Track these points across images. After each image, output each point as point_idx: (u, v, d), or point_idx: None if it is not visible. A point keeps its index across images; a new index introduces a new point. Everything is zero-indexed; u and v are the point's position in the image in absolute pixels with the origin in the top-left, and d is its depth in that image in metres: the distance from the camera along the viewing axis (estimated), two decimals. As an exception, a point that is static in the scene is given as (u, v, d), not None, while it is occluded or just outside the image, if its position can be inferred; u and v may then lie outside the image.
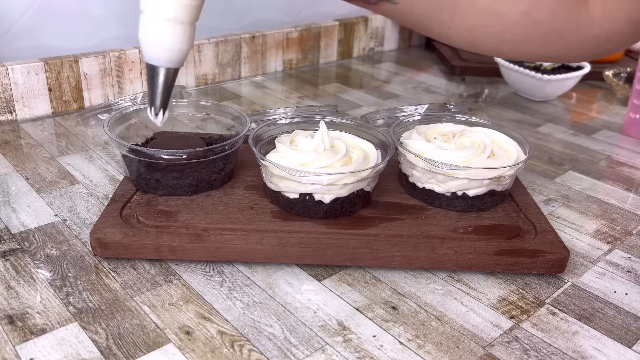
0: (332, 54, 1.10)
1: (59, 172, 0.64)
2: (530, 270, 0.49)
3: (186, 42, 0.50)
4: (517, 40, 0.46)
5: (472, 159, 0.54)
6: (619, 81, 0.97)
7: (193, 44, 0.50)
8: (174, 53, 0.50)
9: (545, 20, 0.45)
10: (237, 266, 0.50)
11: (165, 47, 0.49)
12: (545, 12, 0.45)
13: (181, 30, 0.49)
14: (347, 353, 0.41)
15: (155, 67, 0.50)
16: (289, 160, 0.52)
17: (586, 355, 0.42)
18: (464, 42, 0.48)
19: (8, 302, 0.44)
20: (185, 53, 0.51)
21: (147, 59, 0.51)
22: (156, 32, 0.48)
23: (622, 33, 0.45)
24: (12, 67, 0.73)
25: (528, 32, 0.46)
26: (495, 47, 0.48)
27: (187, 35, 0.49)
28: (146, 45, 0.50)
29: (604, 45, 0.47)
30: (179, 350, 0.41)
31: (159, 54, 0.50)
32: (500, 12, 0.45)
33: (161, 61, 0.50)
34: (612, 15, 0.45)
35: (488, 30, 0.46)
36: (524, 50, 0.48)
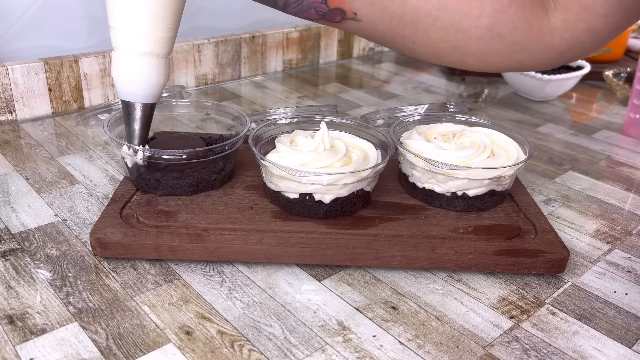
0: (332, 54, 1.10)
1: (59, 172, 0.64)
2: (530, 270, 0.49)
3: (162, 75, 0.50)
4: (482, 53, 0.47)
5: (472, 159, 0.54)
6: (619, 81, 0.97)
7: (168, 77, 0.51)
8: (150, 88, 0.50)
9: (508, 33, 0.46)
10: (237, 266, 0.50)
11: (141, 81, 0.49)
12: (507, 25, 0.46)
13: (156, 63, 0.49)
14: (347, 353, 0.41)
15: (131, 104, 0.51)
16: (289, 160, 0.52)
17: (586, 355, 0.42)
18: (429, 56, 0.49)
19: (8, 302, 0.44)
20: (162, 87, 0.51)
21: (123, 95, 0.50)
22: (131, 68, 0.49)
23: (582, 41, 0.47)
24: (12, 67, 0.73)
25: (491, 45, 0.47)
26: (460, 59, 0.48)
27: (162, 68, 0.50)
28: (121, 82, 0.50)
29: (566, 54, 0.48)
30: (179, 350, 0.41)
31: (135, 89, 0.50)
32: (463, 27, 0.46)
33: (138, 97, 0.50)
34: (572, 25, 0.46)
35: (452, 45, 0.47)
36: (488, 62, 0.49)
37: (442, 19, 0.45)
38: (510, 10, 0.45)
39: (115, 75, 0.50)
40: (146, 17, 0.47)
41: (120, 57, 0.49)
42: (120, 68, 0.49)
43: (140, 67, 0.49)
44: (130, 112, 0.51)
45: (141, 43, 0.48)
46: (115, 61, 0.50)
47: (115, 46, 0.49)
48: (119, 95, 0.51)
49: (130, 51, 0.48)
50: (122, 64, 0.49)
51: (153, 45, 0.48)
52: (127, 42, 0.48)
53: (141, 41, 0.48)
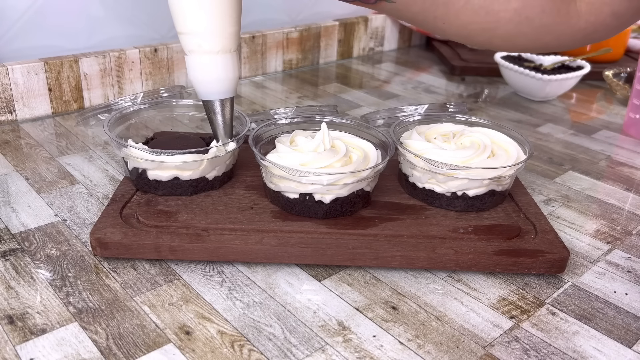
0: (332, 54, 1.10)
1: (59, 172, 0.64)
2: (530, 270, 0.49)
3: (236, 69, 0.52)
4: (509, 35, 0.49)
5: (472, 159, 0.54)
6: (619, 81, 0.97)
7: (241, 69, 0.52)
8: (229, 83, 0.52)
9: (536, 17, 0.47)
10: (237, 266, 0.50)
11: (220, 79, 0.51)
12: (536, 9, 0.47)
13: (230, 58, 0.51)
14: (347, 353, 0.41)
15: (212, 102, 0.53)
16: (289, 160, 0.52)
17: (586, 355, 0.42)
18: (458, 37, 0.50)
19: (8, 302, 0.44)
20: (237, 80, 0.53)
21: (203, 95, 0.53)
22: (210, 68, 0.51)
23: (606, 24, 0.48)
24: (12, 67, 0.73)
25: (520, 28, 0.48)
26: (488, 40, 0.50)
27: (235, 62, 0.52)
28: (200, 82, 0.52)
29: (591, 36, 0.49)
30: (179, 350, 0.41)
31: (217, 88, 0.52)
32: (493, 10, 0.47)
33: (217, 94, 0.52)
34: (597, 8, 0.47)
35: (481, 27, 0.48)
36: (516, 43, 0.50)
37: (473, 1, 0.46)
38: None
39: (193, 77, 0.52)
40: (216, 17, 0.49)
41: (196, 59, 0.51)
42: (198, 69, 0.51)
43: (217, 66, 0.51)
44: (214, 110, 0.53)
45: (215, 42, 0.50)
46: (192, 64, 0.51)
47: (190, 50, 0.51)
48: (199, 96, 0.53)
49: (205, 52, 0.50)
50: (198, 66, 0.51)
51: (225, 42, 0.50)
52: (201, 44, 0.50)
53: (215, 40, 0.50)
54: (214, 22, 0.49)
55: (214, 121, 0.54)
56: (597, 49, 1.06)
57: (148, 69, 0.85)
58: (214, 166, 0.55)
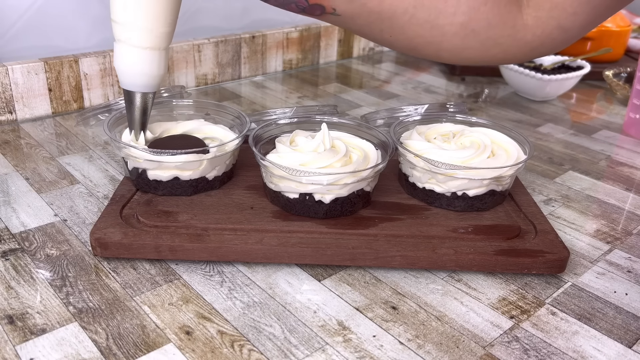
0: (332, 54, 1.10)
1: (59, 172, 0.64)
2: (530, 270, 0.49)
3: (162, 67, 0.53)
4: (456, 49, 0.49)
5: (472, 159, 0.54)
6: (619, 81, 0.97)
7: (167, 68, 0.53)
8: (150, 79, 0.53)
9: (482, 30, 0.47)
10: (237, 266, 0.50)
11: (142, 73, 0.52)
12: (481, 22, 0.47)
13: (157, 56, 0.52)
14: (347, 353, 0.41)
15: (132, 93, 0.54)
16: (289, 160, 0.52)
17: (586, 355, 0.42)
18: (406, 49, 0.51)
19: (8, 302, 0.44)
20: (161, 77, 0.54)
21: (125, 85, 0.54)
22: (133, 60, 0.51)
23: (553, 38, 0.48)
24: (12, 67, 0.73)
25: (466, 41, 0.48)
26: (436, 53, 0.50)
27: (162, 60, 0.53)
28: (123, 73, 0.53)
29: (538, 49, 0.50)
30: (179, 350, 0.41)
31: (136, 80, 0.53)
32: (438, 25, 0.47)
33: (138, 87, 0.53)
34: (544, 22, 0.47)
35: (427, 40, 0.48)
36: (463, 56, 0.50)
37: (418, 16, 0.46)
38: (486, 8, 0.46)
39: (118, 66, 0.52)
40: (150, 14, 0.49)
41: (123, 49, 0.51)
42: (124, 60, 0.52)
43: (142, 60, 0.51)
44: (132, 101, 0.54)
45: (145, 38, 0.50)
46: (118, 53, 0.52)
47: (118, 39, 0.51)
48: (121, 85, 0.54)
49: (133, 45, 0.51)
50: (125, 57, 0.51)
51: (155, 40, 0.51)
52: (131, 36, 0.50)
53: (145, 36, 0.50)
54: (148, 19, 0.49)
55: (131, 112, 0.55)
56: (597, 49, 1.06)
57: (148, 69, 0.84)
58: (214, 166, 0.55)
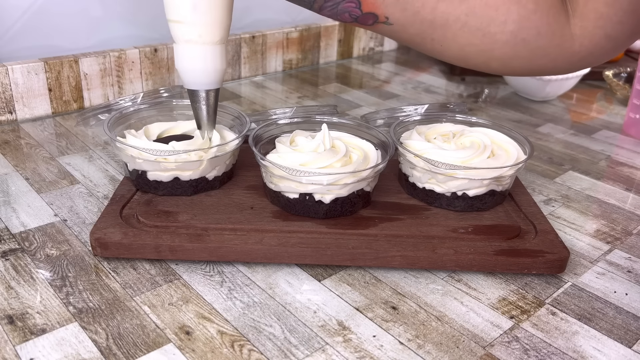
0: (332, 54, 1.10)
1: (59, 172, 0.64)
2: (530, 270, 0.49)
3: (223, 60, 0.52)
4: (506, 57, 0.49)
5: (472, 159, 0.54)
6: (619, 81, 0.97)
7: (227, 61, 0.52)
8: (213, 74, 0.52)
9: (532, 39, 0.48)
10: (237, 266, 0.50)
11: (204, 69, 0.51)
12: (531, 31, 0.47)
13: (217, 50, 0.51)
14: (347, 353, 0.41)
15: (197, 92, 0.53)
16: (289, 160, 0.52)
17: (586, 355, 0.42)
18: (456, 59, 0.51)
19: (8, 302, 0.44)
20: (223, 72, 0.53)
21: (188, 84, 0.53)
22: (194, 57, 0.51)
23: (601, 47, 0.48)
24: (12, 67, 0.73)
25: (516, 50, 0.48)
26: (485, 62, 0.50)
27: (222, 54, 0.52)
28: (186, 72, 0.52)
29: (586, 59, 0.50)
30: (179, 350, 0.41)
31: (199, 78, 0.52)
32: (489, 32, 0.47)
33: (202, 85, 0.52)
34: (590, 32, 0.47)
35: (478, 49, 0.48)
36: (512, 66, 0.50)
37: (470, 24, 0.47)
38: (535, 17, 0.47)
39: (185, 67, 0.51)
40: (219, 8, 0.49)
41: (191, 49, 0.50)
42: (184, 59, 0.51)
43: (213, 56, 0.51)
44: (197, 100, 0.53)
45: (215, 33, 0.50)
46: (185, 53, 0.51)
47: (186, 39, 0.50)
48: (188, 86, 0.53)
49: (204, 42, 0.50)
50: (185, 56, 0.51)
51: (223, 34, 0.51)
52: (201, 33, 0.49)
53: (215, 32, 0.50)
54: (216, 13, 0.49)
55: (199, 111, 0.54)
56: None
57: (148, 69, 0.85)
58: (213, 166, 0.55)
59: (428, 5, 0.46)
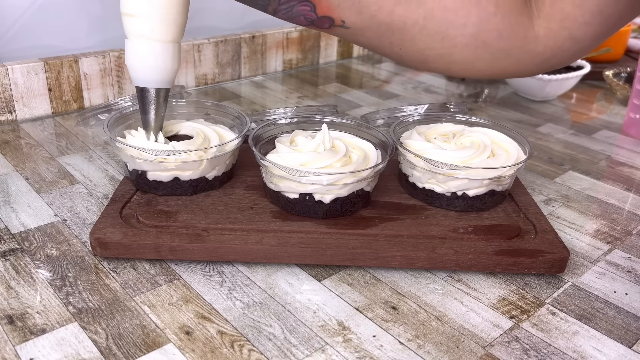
0: (332, 54, 1.10)
1: (59, 172, 0.64)
2: (530, 270, 0.49)
3: (175, 60, 0.51)
4: (467, 60, 0.48)
5: (472, 159, 0.54)
6: (619, 81, 0.97)
7: (180, 62, 0.52)
8: (164, 73, 0.51)
9: (493, 41, 0.47)
10: (237, 266, 0.50)
11: (155, 67, 0.50)
12: (492, 33, 0.46)
13: (170, 48, 0.50)
14: (347, 353, 0.41)
15: (146, 89, 0.51)
16: (288, 160, 0.52)
17: (586, 355, 0.42)
18: (415, 62, 0.50)
19: (8, 302, 0.44)
20: (175, 72, 0.52)
21: (137, 81, 0.51)
22: (144, 54, 0.49)
23: (565, 49, 0.48)
24: (12, 67, 0.73)
25: (477, 53, 0.48)
26: (446, 66, 0.50)
27: (175, 53, 0.51)
28: (135, 68, 0.50)
29: (550, 61, 0.49)
30: (179, 350, 0.41)
31: (149, 75, 0.51)
32: (449, 36, 0.47)
33: (152, 82, 0.51)
34: (555, 33, 0.47)
35: (438, 52, 0.48)
36: (474, 69, 0.50)
37: (429, 27, 0.46)
38: (496, 19, 0.46)
39: (133, 63, 0.50)
40: (174, 5, 0.48)
41: (141, 45, 0.49)
42: (142, 56, 0.50)
43: (163, 54, 0.50)
44: (149, 99, 0.52)
45: (167, 31, 0.49)
46: (135, 49, 0.50)
47: (136, 34, 0.49)
48: (136, 83, 0.51)
49: (154, 39, 0.49)
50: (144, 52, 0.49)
51: (177, 32, 0.49)
52: (153, 30, 0.48)
53: (168, 29, 0.49)
54: (171, 10, 0.48)
55: (147, 112, 0.53)
56: (597, 49, 1.06)
57: (148, 69, 0.84)
58: (213, 166, 0.55)
59: (384, 9, 0.45)
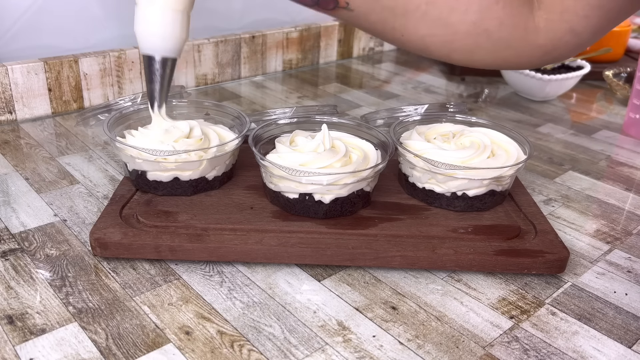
0: (332, 54, 1.10)
1: (59, 172, 0.64)
2: (530, 270, 0.49)
3: (184, 29, 0.51)
4: (468, 48, 0.49)
5: (472, 159, 0.54)
6: (619, 81, 0.97)
7: (188, 33, 0.52)
8: (172, 41, 0.50)
9: (495, 30, 0.47)
10: (237, 266, 0.50)
11: (163, 34, 0.50)
12: (493, 21, 0.47)
13: (179, 17, 0.50)
14: (347, 353, 0.41)
15: (152, 58, 0.51)
16: (288, 161, 0.52)
17: (586, 355, 0.42)
18: (417, 49, 0.50)
19: (8, 302, 0.44)
20: (183, 42, 0.51)
21: (145, 49, 0.51)
22: (153, 20, 0.49)
23: (565, 42, 0.48)
24: (12, 67, 0.73)
25: (478, 41, 0.48)
26: (447, 54, 0.50)
27: (184, 22, 0.51)
28: (143, 35, 0.50)
29: (551, 53, 0.49)
30: (179, 350, 0.41)
31: (157, 42, 0.50)
32: (450, 22, 0.47)
33: (159, 50, 0.51)
34: (555, 25, 0.47)
35: (440, 39, 0.48)
36: (475, 58, 0.50)
37: (431, 13, 0.46)
38: (497, 7, 0.46)
39: (141, 30, 0.50)
40: None
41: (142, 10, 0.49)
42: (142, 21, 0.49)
43: (171, 21, 0.49)
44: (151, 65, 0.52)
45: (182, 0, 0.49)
46: (138, 15, 0.50)
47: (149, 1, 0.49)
48: (143, 50, 0.51)
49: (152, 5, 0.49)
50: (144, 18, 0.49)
51: (189, 2, 0.50)
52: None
53: None
54: None
55: (152, 82, 0.52)
56: (597, 49, 1.06)
57: (148, 69, 0.84)
58: (213, 166, 0.55)
59: None
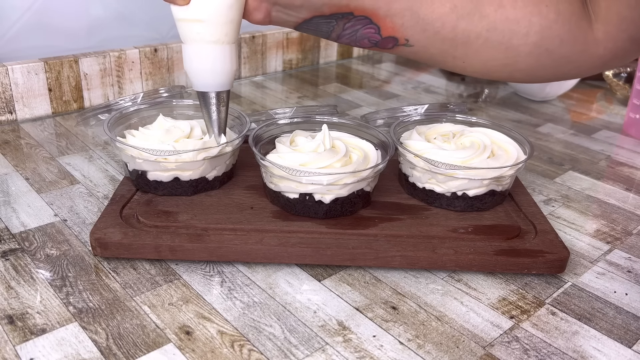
0: (332, 54, 1.10)
1: (59, 172, 0.64)
2: (530, 270, 0.49)
3: (234, 62, 0.50)
4: (530, 68, 0.49)
5: (472, 159, 0.54)
6: (619, 81, 0.97)
7: (239, 62, 0.51)
8: (223, 76, 0.50)
9: (555, 48, 0.47)
10: (237, 266, 0.50)
11: (214, 70, 0.50)
12: (554, 40, 0.47)
13: (227, 50, 0.49)
14: (347, 353, 0.41)
15: (207, 94, 0.51)
16: (289, 161, 0.52)
17: (586, 355, 0.42)
18: (479, 73, 0.51)
19: (8, 302, 0.44)
20: (234, 73, 0.51)
21: (198, 87, 0.51)
22: (204, 58, 0.49)
23: (625, 50, 0.48)
24: (12, 67, 0.73)
25: (540, 60, 0.48)
26: (510, 75, 0.50)
27: (233, 54, 0.50)
28: (195, 74, 0.50)
29: (611, 62, 0.49)
30: (179, 350, 0.41)
31: (209, 79, 0.50)
32: (512, 45, 0.47)
33: (212, 86, 0.51)
34: (614, 35, 0.47)
35: (502, 62, 0.48)
36: (537, 76, 0.50)
37: (492, 39, 0.47)
38: (557, 26, 0.46)
39: (195, 68, 0.50)
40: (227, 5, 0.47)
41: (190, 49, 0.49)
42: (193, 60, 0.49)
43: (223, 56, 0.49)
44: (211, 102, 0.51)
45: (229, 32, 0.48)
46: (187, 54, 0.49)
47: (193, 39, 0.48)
48: (198, 88, 0.51)
49: (211, 42, 0.48)
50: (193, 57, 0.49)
51: (234, 33, 0.49)
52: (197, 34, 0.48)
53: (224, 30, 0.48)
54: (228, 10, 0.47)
55: (210, 114, 0.52)
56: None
57: (148, 69, 0.85)
58: (214, 166, 0.55)
59: (448, 25, 0.46)
